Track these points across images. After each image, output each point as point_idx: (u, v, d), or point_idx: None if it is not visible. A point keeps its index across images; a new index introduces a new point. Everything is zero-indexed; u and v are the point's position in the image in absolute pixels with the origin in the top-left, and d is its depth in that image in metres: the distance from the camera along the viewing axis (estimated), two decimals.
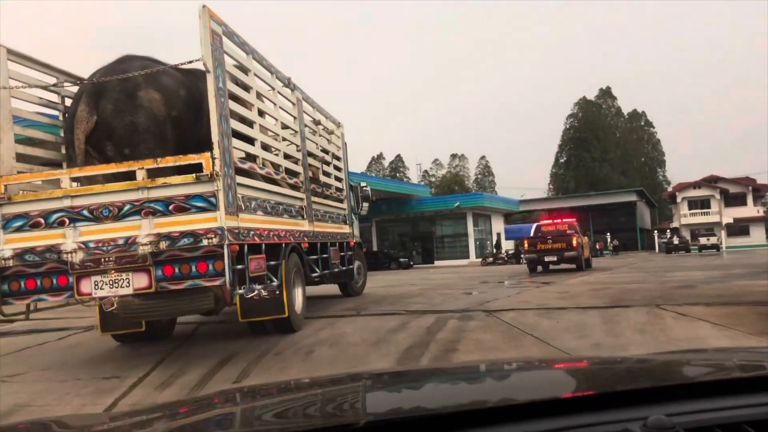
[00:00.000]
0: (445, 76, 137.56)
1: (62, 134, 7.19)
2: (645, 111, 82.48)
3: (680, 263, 23.74)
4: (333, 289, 11.99)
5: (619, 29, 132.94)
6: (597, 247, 42.80)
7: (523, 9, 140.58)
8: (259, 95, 7.33)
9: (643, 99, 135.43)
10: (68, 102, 7.20)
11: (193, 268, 5.91)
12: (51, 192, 6.00)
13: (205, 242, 5.80)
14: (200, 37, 5.83)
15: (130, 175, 5.96)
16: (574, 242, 19.76)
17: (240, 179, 6.35)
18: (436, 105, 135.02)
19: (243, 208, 6.31)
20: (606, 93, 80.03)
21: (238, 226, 6.08)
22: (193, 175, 5.82)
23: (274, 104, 7.92)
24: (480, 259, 37.37)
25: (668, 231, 54.49)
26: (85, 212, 5.93)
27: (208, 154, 5.82)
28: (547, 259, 19.88)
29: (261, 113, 7.38)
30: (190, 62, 6.13)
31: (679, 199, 62.20)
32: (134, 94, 6.46)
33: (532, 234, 21.79)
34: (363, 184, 13.47)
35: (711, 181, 62.03)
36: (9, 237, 5.99)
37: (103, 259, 5.90)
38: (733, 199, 61.26)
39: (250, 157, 6.85)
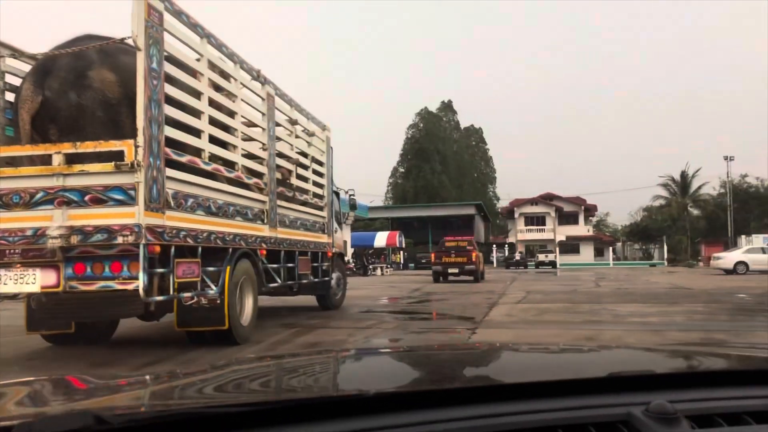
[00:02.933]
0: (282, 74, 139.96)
1: (2, 113, 6.63)
2: (482, 127, 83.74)
3: (557, 282, 23.14)
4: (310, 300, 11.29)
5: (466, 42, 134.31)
6: None
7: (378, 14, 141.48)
8: (213, 84, 6.70)
9: (479, 116, 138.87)
10: (9, 78, 6.66)
11: (107, 269, 5.29)
12: None
13: (119, 239, 5.17)
14: (132, 11, 5.22)
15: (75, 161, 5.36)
16: (474, 257, 22.49)
17: (174, 173, 5.71)
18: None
19: (173, 205, 5.67)
20: (447, 106, 79.88)
21: (162, 224, 5.43)
22: (113, 163, 5.21)
23: (235, 97, 7.27)
24: None
25: (506, 246, 56.93)
26: None
27: (131, 141, 5.20)
28: (450, 270, 22.50)
29: (215, 105, 6.74)
30: (123, 39, 5.53)
31: (516, 215, 62.97)
32: (84, 74, 5.87)
33: (436, 248, 24.66)
34: (351, 192, 12.81)
35: (547, 199, 63.18)
36: None
37: (8, 251, 5.30)
38: (566, 218, 62.77)
39: (192, 150, 6.20)
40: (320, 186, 10.36)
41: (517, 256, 49.18)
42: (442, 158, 71.45)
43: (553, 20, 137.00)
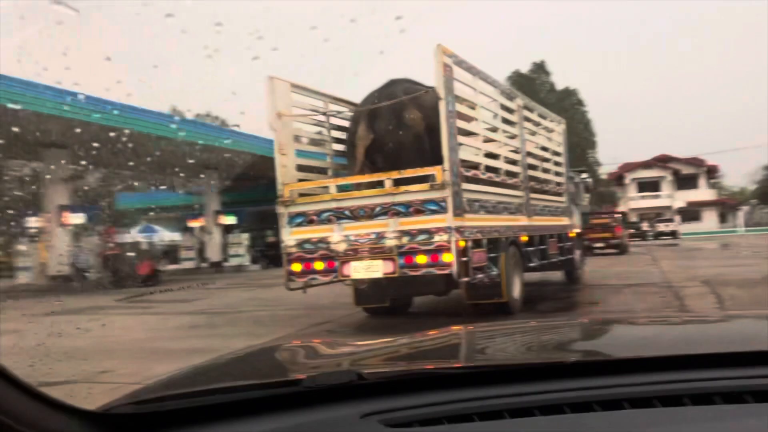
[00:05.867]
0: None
1: (329, 147, 9.02)
2: (577, 89, 69.34)
3: (715, 259, 19.75)
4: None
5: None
6: None
7: None
8: (483, 109, 8.48)
9: (575, 76, 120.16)
10: (332, 120, 9.02)
11: (428, 259, 7.30)
12: (322, 196, 7.82)
13: (437, 238, 7.17)
14: (434, 71, 7.15)
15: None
16: (618, 232, 25.15)
17: (465, 185, 7.58)
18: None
19: (467, 209, 7.56)
20: (540, 67, 67.66)
21: (463, 225, 7.35)
22: (428, 184, 7.20)
23: (496, 114, 9.00)
24: None
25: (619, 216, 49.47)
26: (347, 212, 7.62)
27: (440, 167, 7.14)
28: (595, 245, 24.00)
29: (484, 124, 8.53)
30: (426, 91, 7.50)
31: (627, 180, 55.91)
32: (401, 115, 7.94)
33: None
34: (584, 175, 14.02)
35: (662, 161, 54.89)
36: (293, 230, 7.91)
37: (359, 249, 7.56)
38: (684, 181, 54.89)
39: (474, 165, 8.05)
40: (559, 174, 11.81)
41: (645, 226, 45.73)
42: None
43: None
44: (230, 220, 29.51)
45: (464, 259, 7.39)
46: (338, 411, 1.09)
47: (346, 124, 8.87)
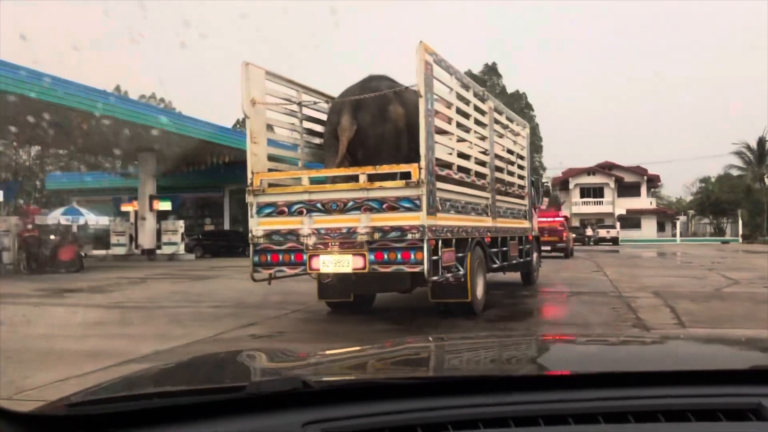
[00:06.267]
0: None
1: (301, 137, 8.86)
2: (526, 93, 73.24)
3: (659, 267, 20.98)
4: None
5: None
6: None
7: None
8: (457, 109, 8.48)
9: (524, 80, 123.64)
10: (305, 110, 8.85)
11: (399, 256, 7.25)
12: (294, 187, 7.66)
13: (409, 236, 7.13)
14: (416, 69, 7.09)
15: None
16: (564, 236, 26.54)
17: (438, 184, 7.57)
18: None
19: (440, 208, 7.55)
20: (492, 69, 71.36)
21: (435, 224, 7.33)
22: (403, 181, 7.15)
23: (469, 115, 9.02)
24: None
25: None
26: (319, 205, 7.49)
27: (416, 164, 7.10)
28: (543, 248, 24.46)
29: (458, 125, 8.53)
30: (406, 88, 7.43)
31: (571, 186, 57.86)
32: (386, 109, 7.89)
33: None
34: (544, 179, 14.29)
35: (606, 168, 57.32)
36: (261, 220, 7.73)
37: (329, 243, 7.44)
38: (626, 189, 57.25)
39: (448, 165, 8.04)
40: (522, 178, 11.97)
41: (589, 232, 47.58)
42: None
43: None
44: (165, 205, 28.42)
45: (435, 257, 7.38)
46: (280, 419, 1.08)
47: (320, 115, 8.74)
